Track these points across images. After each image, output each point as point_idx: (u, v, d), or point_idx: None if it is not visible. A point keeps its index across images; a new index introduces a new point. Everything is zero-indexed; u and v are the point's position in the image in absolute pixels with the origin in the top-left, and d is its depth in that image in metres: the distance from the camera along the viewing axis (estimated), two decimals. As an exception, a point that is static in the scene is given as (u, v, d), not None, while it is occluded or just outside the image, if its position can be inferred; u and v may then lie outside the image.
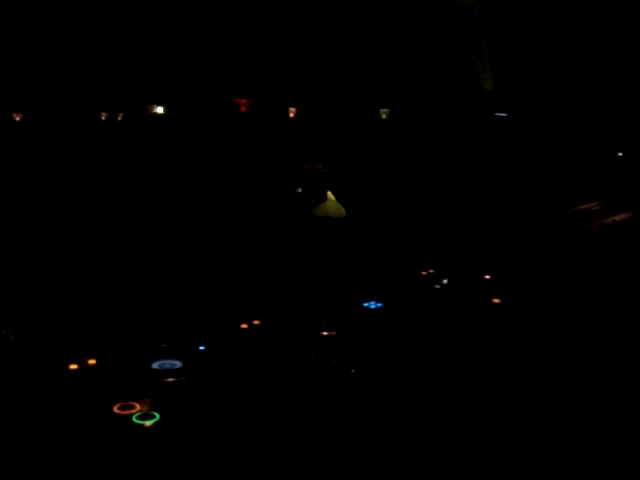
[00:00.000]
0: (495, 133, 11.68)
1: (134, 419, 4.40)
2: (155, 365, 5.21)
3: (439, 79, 12.34)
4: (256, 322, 6.18)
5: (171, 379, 5.02)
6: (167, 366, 5.21)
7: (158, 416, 4.44)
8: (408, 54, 12.51)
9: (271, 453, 4.17)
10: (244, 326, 6.09)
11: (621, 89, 10.95)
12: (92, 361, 5.18)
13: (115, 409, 4.50)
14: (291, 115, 12.94)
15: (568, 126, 11.09)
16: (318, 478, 4.02)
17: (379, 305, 6.78)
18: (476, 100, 11.98)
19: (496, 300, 6.99)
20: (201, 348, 5.57)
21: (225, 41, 12.81)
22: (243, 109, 12.97)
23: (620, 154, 10.85)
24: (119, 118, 14.08)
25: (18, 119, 13.67)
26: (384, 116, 12.82)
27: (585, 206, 9.14)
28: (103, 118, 14.12)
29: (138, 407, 4.54)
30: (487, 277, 7.82)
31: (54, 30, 12.86)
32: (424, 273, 7.93)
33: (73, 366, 5.09)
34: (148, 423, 4.38)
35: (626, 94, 10.90)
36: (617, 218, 8.81)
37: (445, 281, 7.51)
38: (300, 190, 8.04)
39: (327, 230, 7.72)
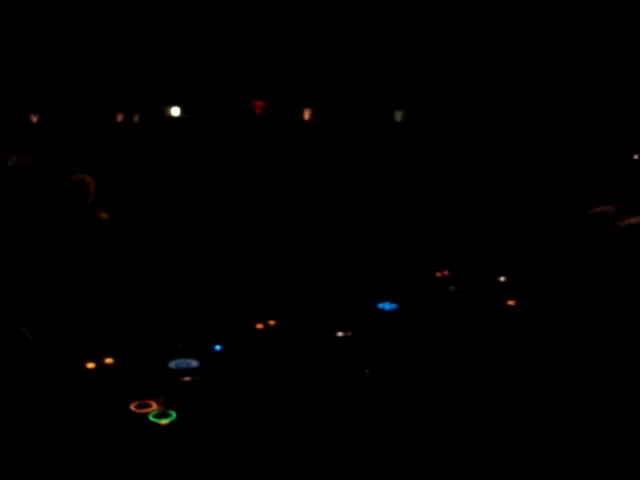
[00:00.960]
0: (511, 136, 11.67)
1: (150, 417, 4.44)
2: (172, 364, 5.25)
3: (452, 81, 12.34)
4: (272, 322, 6.21)
5: (187, 378, 5.05)
6: (183, 365, 5.25)
7: (174, 415, 4.47)
8: (422, 56, 12.52)
9: (286, 452, 4.19)
10: (260, 326, 6.12)
11: (637, 91, 10.91)
12: (109, 360, 5.22)
13: (132, 407, 4.54)
14: (306, 116, 12.97)
15: (584, 129, 11.06)
16: (333, 476, 4.04)
17: (394, 306, 6.80)
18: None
19: (511, 302, 6.98)
20: (217, 348, 5.61)
21: (240, 43, 12.85)
22: (258, 111, 13.02)
23: (635, 157, 10.81)
24: (135, 120, 14.15)
25: (35, 120, 13.77)
26: (399, 118, 12.83)
27: (600, 209, 9.10)
28: (119, 119, 14.21)
29: (155, 406, 4.57)
30: (502, 279, 7.82)
31: (72, 33, 12.94)
32: (439, 275, 7.93)
33: (90, 365, 5.13)
34: (164, 422, 4.41)
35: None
36: (632, 221, 8.78)
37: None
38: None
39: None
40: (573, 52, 11.28)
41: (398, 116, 12.95)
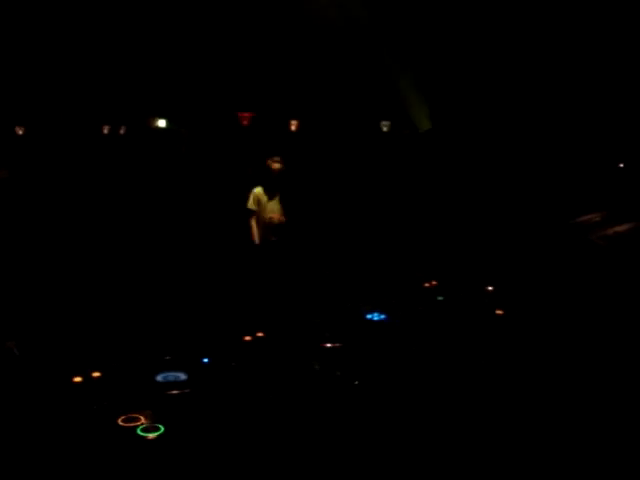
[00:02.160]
0: (496, 145, 11.71)
1: (139, 431, 4.41)
2: (159, 378, 5.22)
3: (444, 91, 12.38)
4: (260, 334, 6.19)
5: (175, 391, 5.02)
6: (171, 378, 5.22)
7: (163, 428, 4.44)
8: (409, 68, 12.56)
9: (275, 464, 4.17)
10: (248, 338, 6.10)
11: (622, 101, 10.98)
12: (96, 374, 5.19)
13: (120, 421, 4.51)
14: (293, 128, 12.97)
15: (569, 138, 11.11)
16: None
17: (382, 317, 6.80)
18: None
19: (499, 311, 7.00)
20: (205, 360, 5.58)
21: (227, 55, 12.86)
22: (245, 122, 13.01)
23: (622, 165, 10.86)
24: (121, 131, 14.12)
25: (21, 133, 13.71)
26: (385, 129, 12.85)
27: (587, 217, 9.14)
28: (105, 131, 14.16)
29: (142, 419, 4.54)
30: (490, 288, 7.84)
31: (57, 44, 12.91)
32: (427, 285, 7.94)
33: (77, 379, 5.10)
34: (152, 435, 4.38)
35: (627, 106, 10.93)
36: (619, 229, 8.81)
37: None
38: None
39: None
40: (559, 64, 11.35)
41: (385, 127, 12.98)
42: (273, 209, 8.28)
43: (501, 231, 9.67)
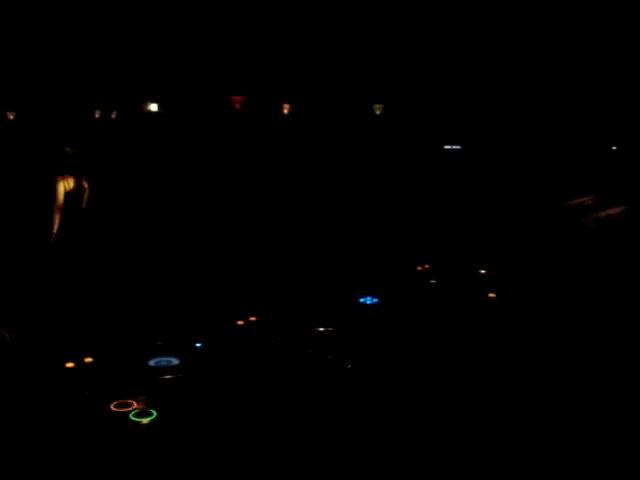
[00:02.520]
0: (489, 130, 11.70)
1: (131, 417, 4.41)
2: (152, 363, 5.22)
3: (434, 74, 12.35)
4: (252, 318, 6.19)
5: (168, 376, 5.02)
6: (164, 363, 5.22)
7: (155, 413, 4.45)
8: (402, 50, 12.51)
9: (268, 448, 4.18)
10: (240, 323, 6.10)
11: (615, 85, 10.96)
12: (89, 359, 5.18)
13: (112, 407, 4.51)
14: (285, 111, 12.94)
15: (561, 122, 11.10)
16: (315, 473, 4.03)
17: (375, 301, 6.80)
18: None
19: (492, 294, 7.01)
20: (197, 345, 5.58)
21: (219, 40, 12.79)
22: (237, 106, 12.96)
23: (614, 148, 10.87)
24: (113, 116, 14.06)
25: (12, 117, 13.64)
26: (378, 112, 12.82)
27: (579, 200, 9.15)
28: (97, 116, 14.11)
29: (135, 405, 4.55)
30: (482, 272, 7.85)
31: (48, 28, 12.82)
32: (420, 268, 7.94)
33: (70, 364, 5.09)
34: (145, 420, 4.38)
35: (620, 90, 10.92)
36: (611, 212, 8.83)
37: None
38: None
39: None
40: (551, 47, 11.32)
41: (378, 110, 12.95)
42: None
43: (494, 214, 9.67)
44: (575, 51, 11.23)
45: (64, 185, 6.64)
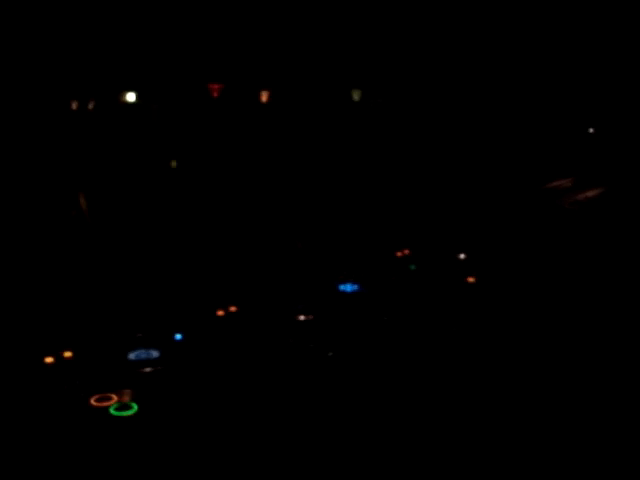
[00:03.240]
0: (467, 114, 11.70)
1: (112, 411, 4.40)
2: (132, 356, 5.20)
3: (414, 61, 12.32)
4: (233, 308, 6.19)
5: (148, 369, 5.02)
6: (144, 356, 5.21)
7: (136, 407, 4.44)
8: (381, 35, 12.47)
9: (251, 439, 4.19)
10: (220, 313, 6.09)
11: (591, 68, 11.00)
12: (68, 354, 5.16)
13: (92, 401, 4.50)
14: (263, 98, 12.87)
15: (539, 105, 11.12)
16: (299, 462, 4.05)
17: (355, 288, 6.81)
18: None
19: (471, 279, 7.03)
20: (178, 337, 5.57)
21: (195, 27, 12.70)
22: (215, 94, 12.89)
23: (591, 130, 10.90)
24: (90, 106, 13.93)
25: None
26: (356, 97, 12.77)
27: (557, 183, 9.19)
28: (74, 107, 13.97)
29: (115, 399, 4.54)
30: (462, 256, 7.87)
31: (23, 17, 12.68)
32: (399, 254, 7.95)
33: (49, 359, 5.07)
34: (126, 414, 4.38)
35: (596, 72, 10.95)
36: (589, 194, 8.88)
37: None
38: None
39: None
40: (527, 32, 11.33)
41: (356, 95, 12.90)
42: None
43: (473, 199, 9.68)
44: (551, 35, 11.24)
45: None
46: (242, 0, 12.49)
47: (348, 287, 6.80)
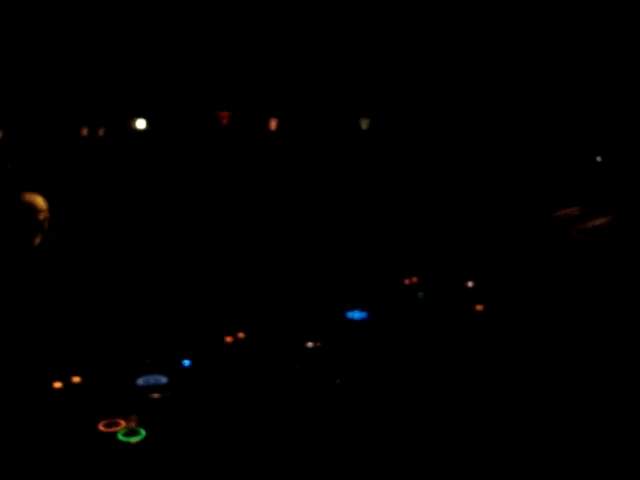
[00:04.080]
0: (476, 139, 11.75)
1: (120, 436, 4.40)
2: (140, 381, 5.20)
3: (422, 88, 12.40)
4: (241, 335, 6.19)
5: (156, 395, 5.01)
6: (152, 382, 5.20)
7: (144, 433, 4.44)
8: (389, 63, 12.57)
9: (258, 466, 4.18)
10: (229, 339, 6.10)
11: (600, 95, 11.04)
12: (76, 379, 5.17)
13: (100, 426, 4.50)
14: (272, 127, 12.96)
15: (547, 132, 11.16)
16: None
17: (363, 315, 6.80)
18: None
19: (479, 307, 7.02)
20: (186, 363, 5.57)
21: (205, 55, 12.83)
22: (224, 122, 12.99)
23: (599, 159, 10.93)
24: (100, 133, 14.06)
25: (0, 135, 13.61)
26: (364, 126, 12.86)
27: (565, 211, 9.19)
28: (84, 133, 14.10)
29: (123, 424, 4.53)
30: (470, 284, 7.86)
31: (34, 43, 12.82)
32: (407, 282, 7.95)
33: (57, 384, 5.08)
34: (134, 440, 4.37)
35: (605, 100, 11.00)
36: (598, 222, 8.87)
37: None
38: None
39: None
40: (534, 57, 11.40)
41: (364, 124, 12.98)
42: None
43: (480, 226, 9.70)
44: (558, 61, 11.30)
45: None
46: (253, 29, 12.63)
47: (356, 314, 6.80)
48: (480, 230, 9.55)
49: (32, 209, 5.95)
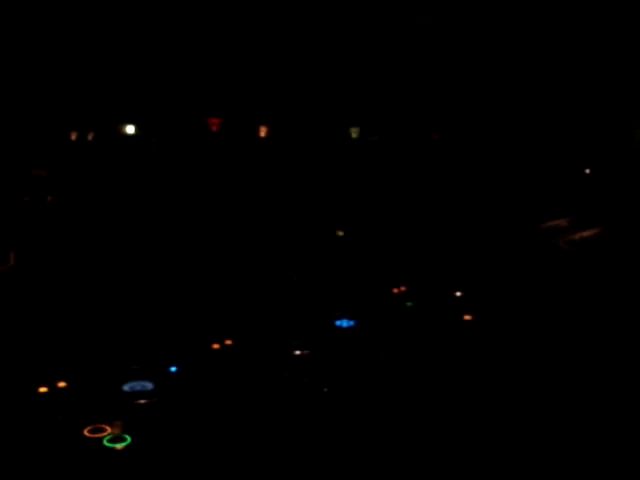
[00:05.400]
0: (465, 151, 11.78)
1: (105, 442, 4.36)
2: (126, 387, 5.17)
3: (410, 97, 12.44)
4: (228, 342, 6.16)
5: (142, 401, 4.98)
6: (138, 388, 5.17)
7: (129, 439, 4.40)
8: (378, 73, 12.60)
9: (244, 473, 4.15)
10: (216, 346, 6.07)
11: (588, 106, 11.10)
12: (62, 384, 5.13)
13: (86, 432, 4.46)
14: (262, 134, 12.95)
15: (536, 144, 11.21)
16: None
17: (351, 323, 6.80)
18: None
19: (467, 317, 7.03)
20: (172, 369, 5.54)
21: (195, 60, 12.81)
22: (214, 128, 12.97)
23: (587, 171, 10.99)
24: (89, 138, 13.99)
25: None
26: (354, 135, 12.87)
27: (554, 223, 9.23)
28: (73, 138, 14.03)
29: (109, 430, 4.50)
30: (458, 294, 7.87)
31: (23, 48, 12.77)
32: (396, 291, 7.96)
33: (43, 389, 5.04)
34: (119, 446, 4.34)
35: (593, 111, 11.06)
36: (585, 234, 8.91)
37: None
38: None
39: None
40: (522, 65, 11.45)
41: (354, 133, 12.99)
42: None
43: (469, 237, 9.72)
44: (546, 73, 11.35)
45: None
46: (243, 37, 12.62)
47: (344, 323, 6.79)
48: (469, 240, 9.57)
49: None
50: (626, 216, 8.92)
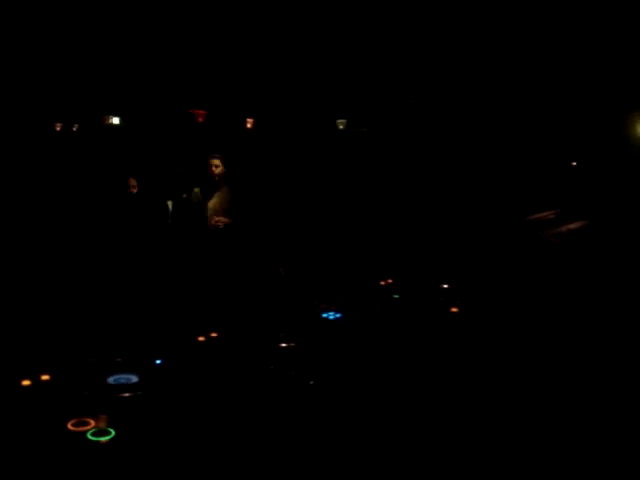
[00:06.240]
0: (451, 143, 11.78)
1: (89, 436, 4.32)
2: (111, 380, 5.13)
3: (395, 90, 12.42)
4: (214, 334, 6.13)
5: (127, 394, 4.94)
6: (123, 381, 5.13)
7: (114, 432, 4.36)
8: (365, 65, 12.57)
9: (230, 467, 4.12)
10: (201, 339, 6.04)
11: (574, 99, 11.11)
12: (45, 377, 5.08)
13: (69, 426, 4.42)
14: (248, 126, 12.89)
15: (522, 136, 11.21)
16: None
17: (338, 316, 6.78)
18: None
19: (454, 309, 7.03)
20: (157, 362, 5.51)
21: (181, 52, 12.74)
22: (200, 120, 12.90)
23: (574, 164, 11.00)
24: (74, 129, 13.91)
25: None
26: (341, 126, 12.84)
27: (540, 215, 9.23)
28: (58, 129, 13.94)
29: (93, 423, 4.46)
30: (445, 286, 7.88)
31: (11, 40, 12.67)
32: (383, 283, 7.95)
33: (26, 382, 4.99)
34: (103, 440, 4.30)
35: (580, 104, 11.06)
36: (572, 227, 8.92)
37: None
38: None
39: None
40: (510, 59, 11.45)
41: (341, 124, 12.97)
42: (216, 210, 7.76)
43: (456, 229, 9.72)
44: (533, 65, 11.35)
45: None
46: (229, 28, 12.57)
47: (331, 315, 6.77)
48: (456, 233, 9.57)
49: None
50: (613, 209, 8.93)
